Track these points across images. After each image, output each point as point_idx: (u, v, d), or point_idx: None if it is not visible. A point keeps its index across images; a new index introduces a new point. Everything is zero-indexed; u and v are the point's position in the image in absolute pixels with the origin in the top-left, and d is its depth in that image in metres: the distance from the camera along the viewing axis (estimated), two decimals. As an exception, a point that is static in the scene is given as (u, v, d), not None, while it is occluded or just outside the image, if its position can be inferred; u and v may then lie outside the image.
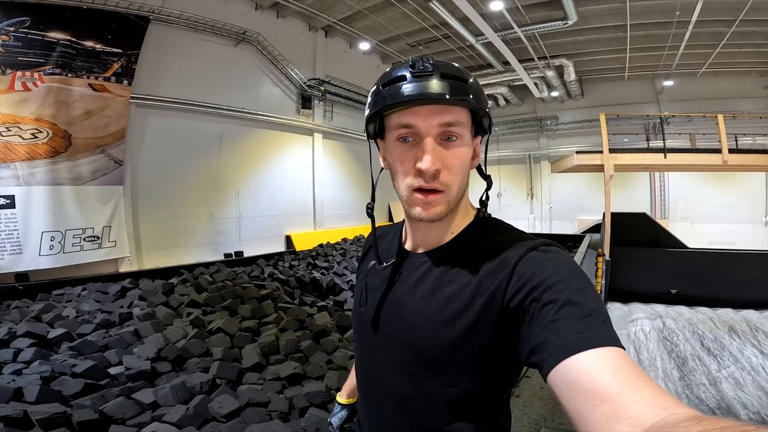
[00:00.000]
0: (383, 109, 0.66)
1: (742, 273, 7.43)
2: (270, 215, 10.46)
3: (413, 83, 0.62)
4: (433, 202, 0.65)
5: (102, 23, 6.98)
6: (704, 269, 7.66)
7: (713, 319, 6.52)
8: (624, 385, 0.43)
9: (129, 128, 7.58)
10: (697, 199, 14.25)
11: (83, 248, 6.83)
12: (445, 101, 0.62)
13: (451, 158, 0.65)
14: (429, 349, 0.65)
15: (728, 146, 7.93)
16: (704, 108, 12.77)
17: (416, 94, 0.62)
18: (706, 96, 13.67)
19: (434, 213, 0.66)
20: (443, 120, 0.63)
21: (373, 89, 0.69)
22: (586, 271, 0.97)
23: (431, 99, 0.62)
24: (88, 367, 3.02)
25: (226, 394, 2.73)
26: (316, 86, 11.32)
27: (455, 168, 0.65)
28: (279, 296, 5.47)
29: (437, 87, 0.62)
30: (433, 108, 0.63)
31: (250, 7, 9.81)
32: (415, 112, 0.64)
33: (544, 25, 9.84)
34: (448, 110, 0.64)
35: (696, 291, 7.55)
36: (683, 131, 11.96)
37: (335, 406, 1.06)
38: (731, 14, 9.02)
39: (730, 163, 7.89)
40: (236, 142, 9.72)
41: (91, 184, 7.05)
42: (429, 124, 0.63)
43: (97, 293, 5.58)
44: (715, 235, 13.26)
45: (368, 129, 0.72)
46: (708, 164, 8.27)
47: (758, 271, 7.38)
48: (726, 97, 13.47)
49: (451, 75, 0.63)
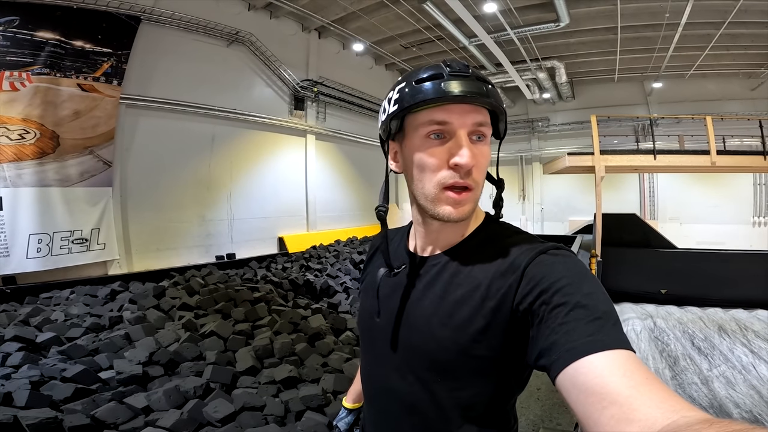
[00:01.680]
0: (417, 105, 0.65)
1: (730, 273, 7.55)
2: (262, 217, 10.38)
3: (454, 81, 0.63)
4: (464, 201, 0.65)
5: (92, 23, 6.88)
6: (693, 269, 7.77)
7: (703, 319, 6.61)
8: (633, 387, 0.42)
9: (118, 129, 7.47)
10: (686, 200, 14.46)
11: (71, 251, 6.72)
12: (481, 101, 0.64)
13: (480, 157, 0.66)
14: (438, 353, 0.65)
15: (716, 148, 8.08)
16: (692, 110, 12.98)
17: (461, 91, 0.63)
18: (694, 98, 13.90)
19: (463, 212, 0.66)
20: (476, 119, 0.65)
21: (400, 86, 0.68)
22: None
23: (474, 97, 0.63)
24: (78, 371, 2.96)
25: (220, 398, 2.69)
26: (309, 87, 11.28)
27: (483, 167, 0.67)
28: (272, 299, 5.42)
29: (478, 87, 0.63)
30: (466, 107, 0.64)
31: (243, 8, 9.75)
32: (449, 110, 0.64)
33: (536, 27, 9.91)
34: (479, 111, 0.65)
35: (685, 291, 7.66)
36: (672, 133, 12.13)
37: (341, 410, 1.04)
38: (720, 16, 9.16)
39: (718, 164, 8.03)
40: (228, 143, 9.64)
41: (80, 185, 6.93)
42: (463, 121, 0.64)
43: (85, 296, 5.48)
44: (704, 236, 13.47)
45: (391, 127, 0.70)
46: (697, 165, 8.41)
47: (746, 270, 7.51)
48: (713, 99, 13.71)
49: (482, 78, 0.66)
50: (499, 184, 0.74)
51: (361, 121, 13.46)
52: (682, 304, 7.48)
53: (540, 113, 16.84)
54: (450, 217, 0.65)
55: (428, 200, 0.67)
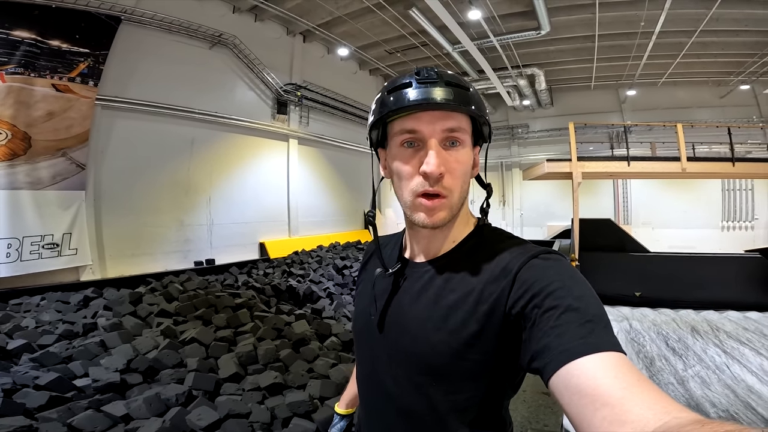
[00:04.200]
0: (387, 115, 0.67)
1: (700, 275, 7.77)
2: (243, 222, 10.20)
3: (418, 89, 0.64)
4: (436, 208, 0.66)
5: (70, 22, 6.68)
6: (666, 272, 7.97)
7: (676, 320, 6.82)
8: (625, 389, 0.43)
9: (93, 131, 7.24)
10: (658, 206, 14.98)
11: (42, 256, 6.45)
12: (448, 107, 0.64)
13: (454, 163, 0.66)
14: (433, 357, 0.65)
15: (687, 154, 8.40)
16: (664, 117, 13.50)
17: (422, 99, 0.64)
18: (665, 105, 14.47)
19: (437, 219, 0.66)
20: (446, 125, 0.65)
21: (377, 97, 0.71)
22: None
23: (436, 104, 0.64)
24: (52, 379, 2.83)
25: (204, 405, 2.61)
26: (292, 91, 11.20)
27: (457, 173, 0.66)
28: (255, 305, 5.32)
29: (441, 93, 0.64)
30: (436, 114, 0.65)
31: (227, 10, 9.65)
32: (419, 118, 0.65)
33: (518, 35, 10.16)
34: (451, 116, 0.65)
35: (659, 293, 7.88)
36: (644, 140, 12.56)
37: (334, 416, 1.03)
38: (692, 25, 9.54)
39: (688, 170, 8.34)
40: (208, 146, 9.46)
41: (51, 188, 6.68)
42: (433, 129, 0.65)
43: (57, 303, 5.26)
44: (675, 240, 13.96)
45: (371, 136, 0.73)
46: (668, 172, 8.72)
47: (716, 273, 7.76)
48: (684, 106, 14.29)
49: (455, 83, 0.65)
50: (487, 189, 0.75)
51: (344, 125, 13.44)
52: (656, 307, 7.70)
53: (520, 120, 17.20)
54: (425, 224, 0.67)
55: (407, 207, 0.69)
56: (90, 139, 7.17)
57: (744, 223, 14.08)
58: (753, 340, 5.61)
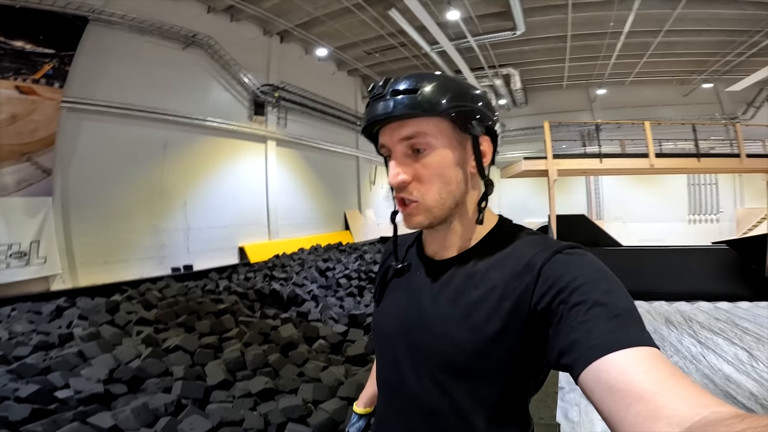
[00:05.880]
0: (364, 132, 0.72)
1: (671, 267, 8.03)
2: (221, 226, 9.97)
3: (370, 106, 0.67)
4: (411, 213, 0.68)
5: (34, 22, 6.39)
6: (638, 265, 8.18)
7: (650, 312, 7.02)
8: (659, 383, 0.42)
9: (59, 134, 6.94)
10: (628, 201, 15.54)
11: (9, 266, 6.14)
12: (395, 117, 0.65)
13: (420, 169, 0.66)
14: (456, 354, 0.64)
15: (654, 151, 8.74)
16: (632, 115, 14.03)
17: (369, 116, 0.67)
18: (633, 104, 15.05)
19: (414, 222, 0.69)
20: (401, 135, 0.66)
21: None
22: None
23: (378, 120, 0.66)
24: (32, 391, 2.70)
25: (194, 414, 2.53)
26: (269, 92, 11.04)
27: (425, 178, 0.66)
28: (239, 310, 5.21)
29: (382, 108, 0.65)
30: (392, 125, 0.67)
31: (202, 10, 9.43)
32: (383, 132, 0.68)
33: (495, 35, 10.36)
34: (405, 124, 0.65)
35: (632, 286, 7.92)
36: (614, 137, 12.96)
37: (352, 416, 1.02)
38: (658, 25, 9.97)
39: (656, 166, 8.67)
40: (182, 149, 9.20)
41: (16, 195, 6.37)
42: (393, 140, 0.67)
43: (29, 313, 5.03)
44: (645, 233, 14.51)
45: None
46: (637, 168, 9.05)
47: (686, 265, 8.05)
48: (650, 104, 14.91)
49: (402, 90, 0.64)
50: (486, 185, 0.75)
51: (323, 126, 13.34)
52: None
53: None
54: (407, 227, 0.72)
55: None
56: (56, 143, 6.87)
57: (709, 216, 14.79)
58: (725, 330, 5.80)
